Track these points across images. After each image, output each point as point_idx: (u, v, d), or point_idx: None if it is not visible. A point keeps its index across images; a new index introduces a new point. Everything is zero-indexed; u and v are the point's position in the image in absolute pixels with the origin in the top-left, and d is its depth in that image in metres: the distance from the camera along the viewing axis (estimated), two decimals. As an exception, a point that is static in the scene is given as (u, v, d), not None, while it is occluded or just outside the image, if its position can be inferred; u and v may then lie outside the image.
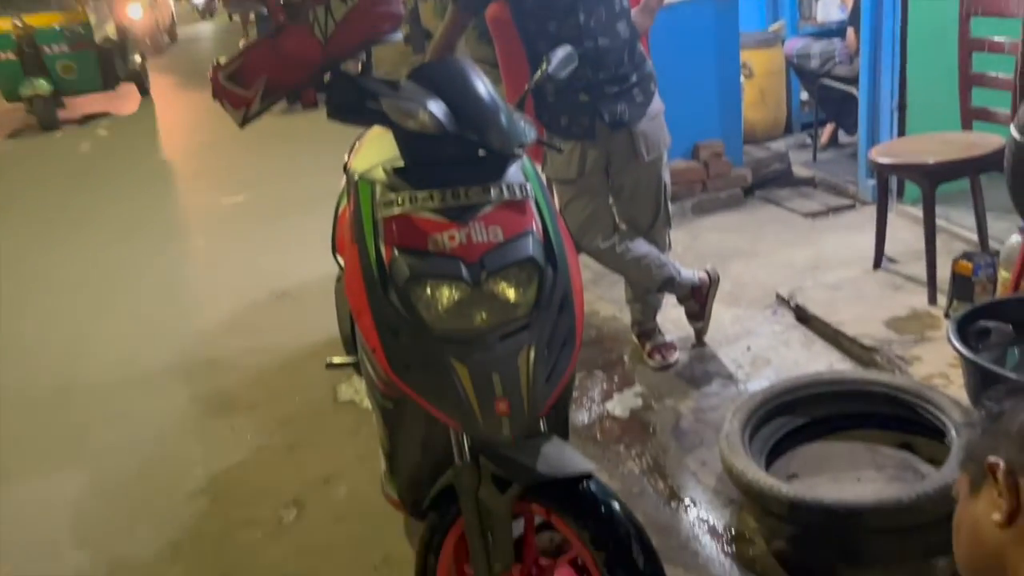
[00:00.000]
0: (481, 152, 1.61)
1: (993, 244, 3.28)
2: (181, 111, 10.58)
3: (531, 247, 1.54)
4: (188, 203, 6.28)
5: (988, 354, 2.32)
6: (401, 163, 1.61)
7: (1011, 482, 0.89)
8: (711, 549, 2.19)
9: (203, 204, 6.15)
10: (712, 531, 2.25)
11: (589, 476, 1.52)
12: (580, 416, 2.86)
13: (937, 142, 3.27)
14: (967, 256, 2.97)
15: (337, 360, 2.45)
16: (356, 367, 2.42)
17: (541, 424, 1.58)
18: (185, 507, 2.63)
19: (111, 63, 9.91)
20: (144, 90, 11.20)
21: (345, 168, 2.17)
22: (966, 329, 2.37)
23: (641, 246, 2.99)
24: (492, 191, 1.56)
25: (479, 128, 1.56)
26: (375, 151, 1.84)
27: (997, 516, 0.90)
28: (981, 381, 2.21)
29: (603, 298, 3.74)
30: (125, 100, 10.77)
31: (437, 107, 1.53)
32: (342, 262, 2.08)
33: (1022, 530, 0.88)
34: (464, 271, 1.49)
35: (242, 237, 5.30)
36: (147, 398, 3.37)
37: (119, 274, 4.89)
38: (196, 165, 7.35)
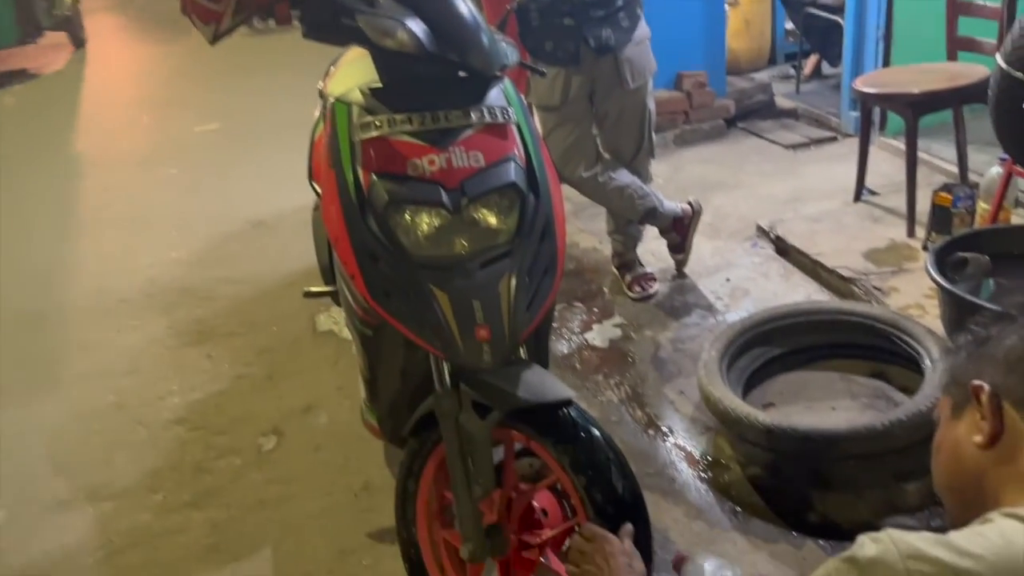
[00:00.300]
0: (461, 74, 1.56)
1: (973, 177, 3.29)
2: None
3: (513, 173, 1.51)
4: (159, 132, 6.12)
5: (964, 285, 2.34)
6: (379, 85, 1.56)
7: (995, 405, 0.90)
8: (687, 475, 2.23)
9: (175, 133, 6.00)
10: (689, 458, 2.29)
11: (569, 403, 1.52)
12: (560, 346, 2.87)
13: (921, 72, 3.24)
14: (947, 188, 2.97)
15: (315, 289, 2.43)
16: (334, 296, 2.39)
17: (521, 352, 1.58)
18: (163, 435, 2.63)
19: (30, 8, 8.05)
20: (78, 40, 8.81)
21: (320, 93, 2.11)
22: (944, 260, 2.38)
23: (624, 176, 2.96)
24: (473, 114, 1.52)
25: (460, 48, 1.50)
26: (351, 74, 1.78)
27: (979, 438, 0.91)
28: (956, 311, 2.24)
29: (584, 230, 3.73)
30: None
31: (416, 25, 1.47)
32: (319, 189, 2.03)
33: (1002, 452, 0.89)
34: (444, 197, 1.46)
35: (216, 166, 5.19)
36: (121, 327, 3.33)
37: (89, 203, 4.79)
38: (166, 94, 7.15)
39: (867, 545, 0.81)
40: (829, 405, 2.36)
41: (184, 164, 5.29)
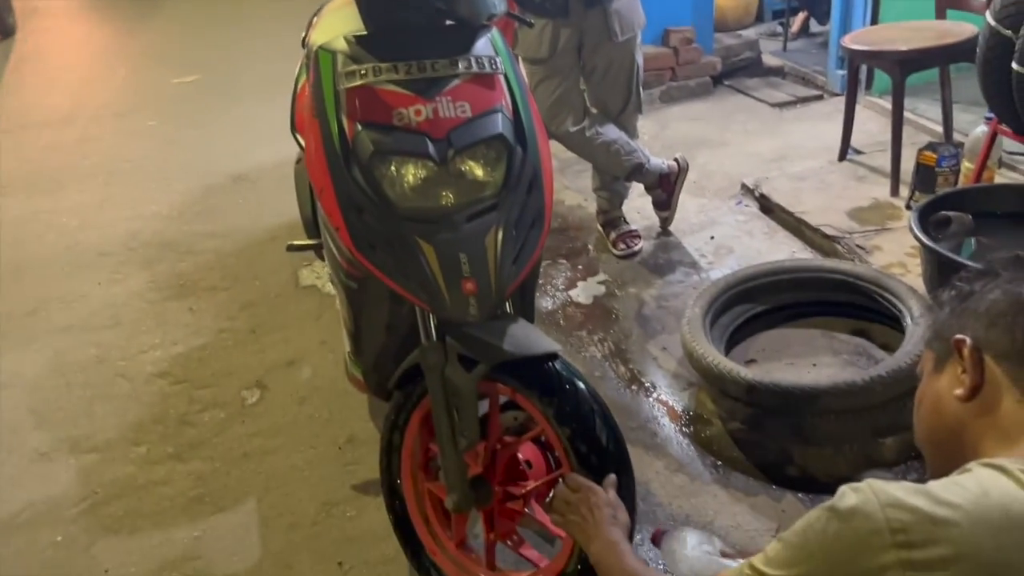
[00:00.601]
0: (448, 23, 1.53)
1: (958, 136, 3.29)
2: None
3: (500, 124, 1.49)
4: (137, 84, 6.00)
5: (947, 243, 2.36)
6: (364, 33, 1.53)
7: (976, 358, 0.91)
8: (670, 430, 2.25)
9: (153, 85, 5.89)
10: (671, 413, 2.31)
11: (555, 356, 1.52)
12: (544, 303, 2.88)
13: (910, 30, 3.22)
14: (932, 147, 2.98)
15: (298, 243, 2.40)
16: (317, 250, 2.38)
17: (507, 306, 1.58)
18: (145, 389, 2.62)
19: None
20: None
21: (304, 42, 2.07)
22: (927, 219, 2.40)
23: (611, 131, 2.94)
24: (460, 64, 1.49)
25: (447, -5, 1.47)
26: (336, 23, 1.73)
27: (960, 391, 0.92)
28: (938, 269, 2.25)
29: (569, 187, 3.71)
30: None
31: (402, -29, 1.44)
32: (302, 141, 2.00)
33: (982, 405, 0.91)
34: (431, 148, 1.44)
35: (195, 118, 5.10)
36: (101, 281, 3.30)
37: (64, 155, 4.70)
38: (143, 44, 6.99)
39: (848, 495, 0.82)
40: (810, 361, 2.39)
41: (162, 116, 5.20)
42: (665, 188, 3.15)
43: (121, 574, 1.95)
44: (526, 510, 1.61)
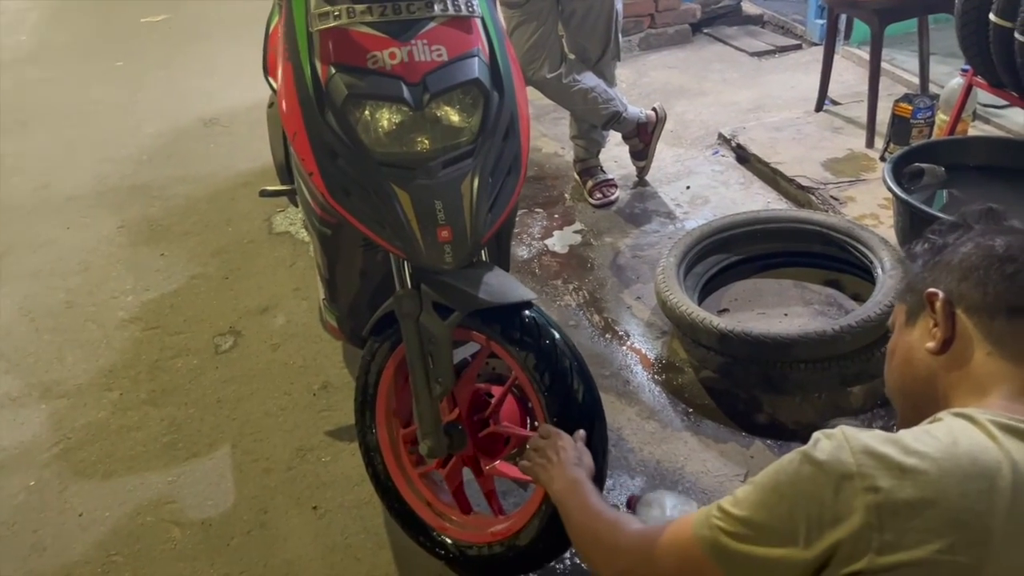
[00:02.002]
0: (424, -38, 1.49)
1: (934, 88, 3.30)
2: None
3: (477, 68, 1.46)
4: (103, 22, 5.82)
5: (919, 195, 2.37)
6: (336, -28, 1.49)
7: (948, 311, 0.92)
8: (642, 377, 2.28)
9: (120, 23, 5.72)
10: (644, 361, 2.33)
11: (530, 304, 1.53)
12: (520, 251, 2.87)
13: (890, -21, 3.19)
14: (907, 98, 2.98)
15: (271, 189, 2.36)
16: (291, 196, 2.35)
17: (483, 254, 1.57)
18: (117, 335, 2.59)
19: None
20: None
21: (276, -20, 2.01)
22: (900, 170, 2.41)
23: (589, 79, 2.91)
24: (436, 6, 1.46)
25: (422, -65, 1.43)
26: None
27: (931, 344, 0.93)
28: (910, 220, 2.28)
29: (546, 135, 3.68)
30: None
31: (376, -92, 1.40)
32: (275, 84, 1.96)
33: (953, 357, 0.92)
34: (406, 92, 1.41)
35: (164, 59, 4.98)
36: (70, 224, 3.24)
37: (28, 96, 4.57)
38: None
39: (821, 441, 0.84)
40: (782, 311, 2.42)
41: (131, 57, 5.07)
42: (642, 138, 3.13)
43: (95, 518, 1.96)
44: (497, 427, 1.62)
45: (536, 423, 1.59)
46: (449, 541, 1.69)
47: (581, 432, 1.44)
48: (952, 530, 0.76)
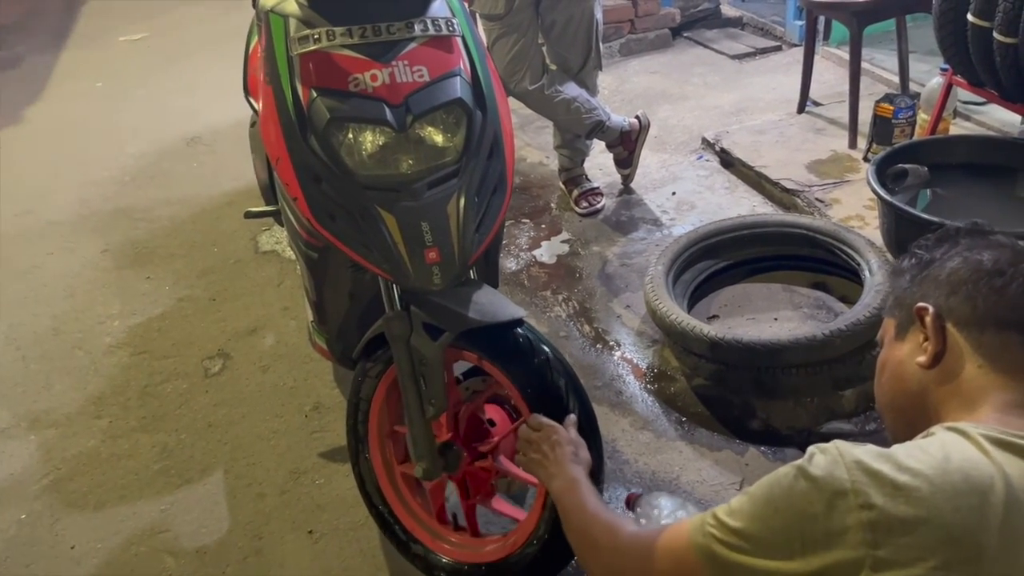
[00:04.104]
0: (403, -17, 1.49)
1: (914, 87, 3.32)
2: None
3: (459, 88, 1.46)
4: (81, 41, 5.79)
5: (903, 195, 2.38)
6: (316, -6, 1.48)
7: (938, 326, 0.93)
8: (634, 387, 2.27)
9: (98, 42, 5.68)
10: (636, 370, 2.33)
11: (520, 322, 1.52)
12: (508, 263, 2.87)
13: (868, -19, 3.21)
14: (888, 98, 3.00)
15: (256, 210, 2.35)
16: (276, 216, 2.33)
17: (472, 272, 1.56)
18: (105, 361, 2.57)
19: None
20: None
21: (254, 3, 2.00)
22: (884, 171, 2.42)
23: (571, 89, 2.91)
24: (416, 27, 1.46)
25: (400, -44, 1.43)
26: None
27: (922, 359, 0.94)
28: (895, 221, 2.28)
29: (530, 144, 3.68)
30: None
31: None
32: (256, 105, 1.95)
33: (944, 371, 0.92)
34: (388, 114, 1.41)
35: (145, 78, 4.95)
36: (54, 250, 3.22)
37: (7, 118, 4.53)
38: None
39: (816, 456, 0.84)
40: (772, 316, 2.42)
41: (110, 77, 5.03)
42: (626, 146, 3.14)
43: (88, 550, 1.94)
44: (495, 464, 1.62)
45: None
46: (446, 561, 1.68)
47: (572, 417, 1.44)
48: (945, 547, 0.76)
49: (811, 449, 0.85)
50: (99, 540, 1.96)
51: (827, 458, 0.83)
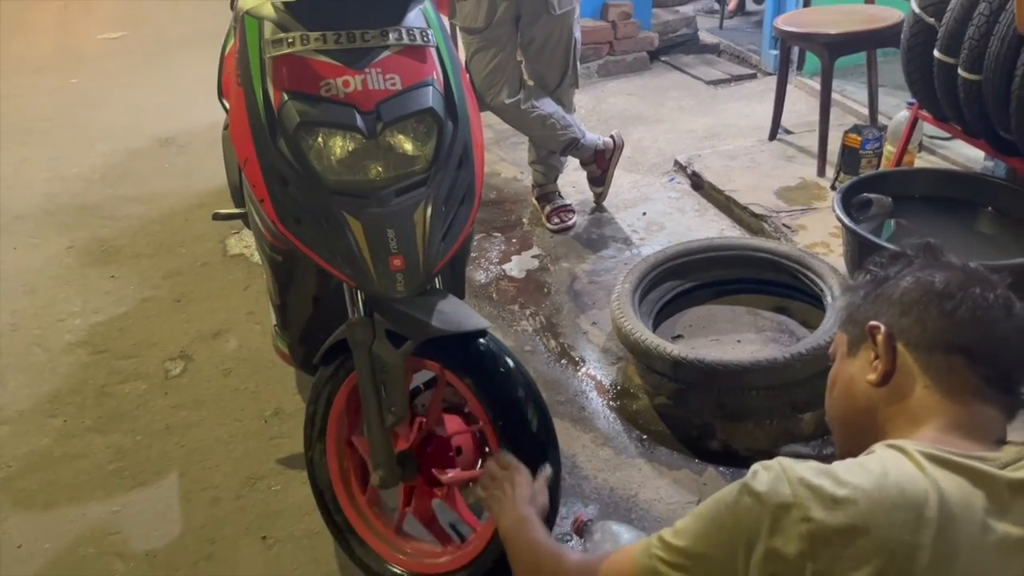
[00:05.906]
0: (379, -9, 1.50)
1: (883, 120, 3.38)
2: None
3: (431, 98, 1.47)
4: (59, 38, 5.73)
5: (867, 224, 2.43)
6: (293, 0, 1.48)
7: (889, 346, 0.94)
8: (597, 404, 2.28)
9: (76, 40, 5.63)
10: (599, 387, 2.34)
11: (484, 333, 1.53)
12: (477, 276, 2.87)
13: (840, 13, 3.28)
14: (857, 129, 3.05)
15: (225, 212, 2.33)
16: (245, 219, 2.31)
17: (437, 281, 1.57)
18: (63, 359, 2.53)
19: None
20: None
21: (232, 4, 2.00)
22: (850, 200, 2.46)
23: (547, 105, 2.94)
24: (391, 35, 1.46)
25: (378, -36, 1.44)
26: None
27: (872, 376, 0.95)
28: (858, 249, 2.32)
29: (505, 159, 3.70)
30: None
31: (331, -64, 1.40)
32: (229, 107, 1.94)
33: (893, 390, 0.94)
34: (359, 120, 1.41)
35: (121, 77, 4.92)
36: (17, 245, 3.17)
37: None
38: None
39: (760, 472, 0.85)
40: (735, 338, 2.44)
41: (86, 74, 4.99)
42: (600, 164, 3.16)
43: (34, 550, 1.90)
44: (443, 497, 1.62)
45: (489, 450, 1.58)
46: (399, 571, 1.66)
47: (548, 470, 1.44)
48: (880, 558, 0.78)
49: (755, 466, 0.87)
50: (47, 540, 1.92)
51: (771, 475, 0.84)
